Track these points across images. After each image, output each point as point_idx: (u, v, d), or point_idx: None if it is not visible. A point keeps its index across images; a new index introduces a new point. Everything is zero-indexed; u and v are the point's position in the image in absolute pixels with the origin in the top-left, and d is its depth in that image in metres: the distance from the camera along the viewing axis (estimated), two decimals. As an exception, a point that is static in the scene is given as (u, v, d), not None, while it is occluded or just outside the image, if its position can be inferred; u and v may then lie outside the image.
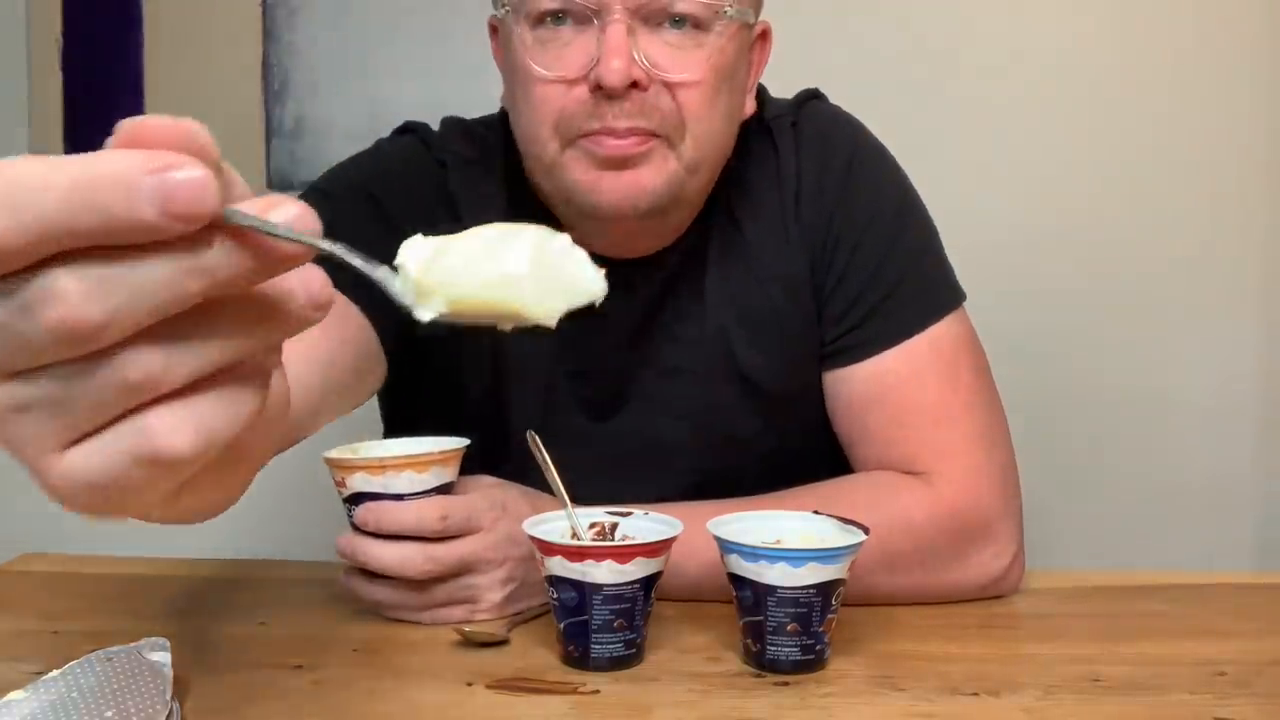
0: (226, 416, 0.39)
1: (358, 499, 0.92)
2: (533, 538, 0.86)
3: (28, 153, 0.37)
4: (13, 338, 0.36)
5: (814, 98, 1.15)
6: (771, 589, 0.83)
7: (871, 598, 0.97)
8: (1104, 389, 1.81)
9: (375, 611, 0.95)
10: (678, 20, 0.95)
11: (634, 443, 1.08)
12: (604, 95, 0.93)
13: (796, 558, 0.82)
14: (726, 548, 0.85)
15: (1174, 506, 1.81)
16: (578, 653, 0.85)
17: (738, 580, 0.85)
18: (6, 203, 0.35)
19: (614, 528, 0.91)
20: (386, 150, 1.14)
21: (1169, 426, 1.81)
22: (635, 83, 0.93)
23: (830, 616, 0.84)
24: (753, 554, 0.83)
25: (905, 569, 0.99)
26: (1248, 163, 1.78)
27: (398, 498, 0.91)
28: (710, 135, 0.99)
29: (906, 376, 1.04)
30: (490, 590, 0.94)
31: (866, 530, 0.86)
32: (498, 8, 1.01)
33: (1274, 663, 0.88)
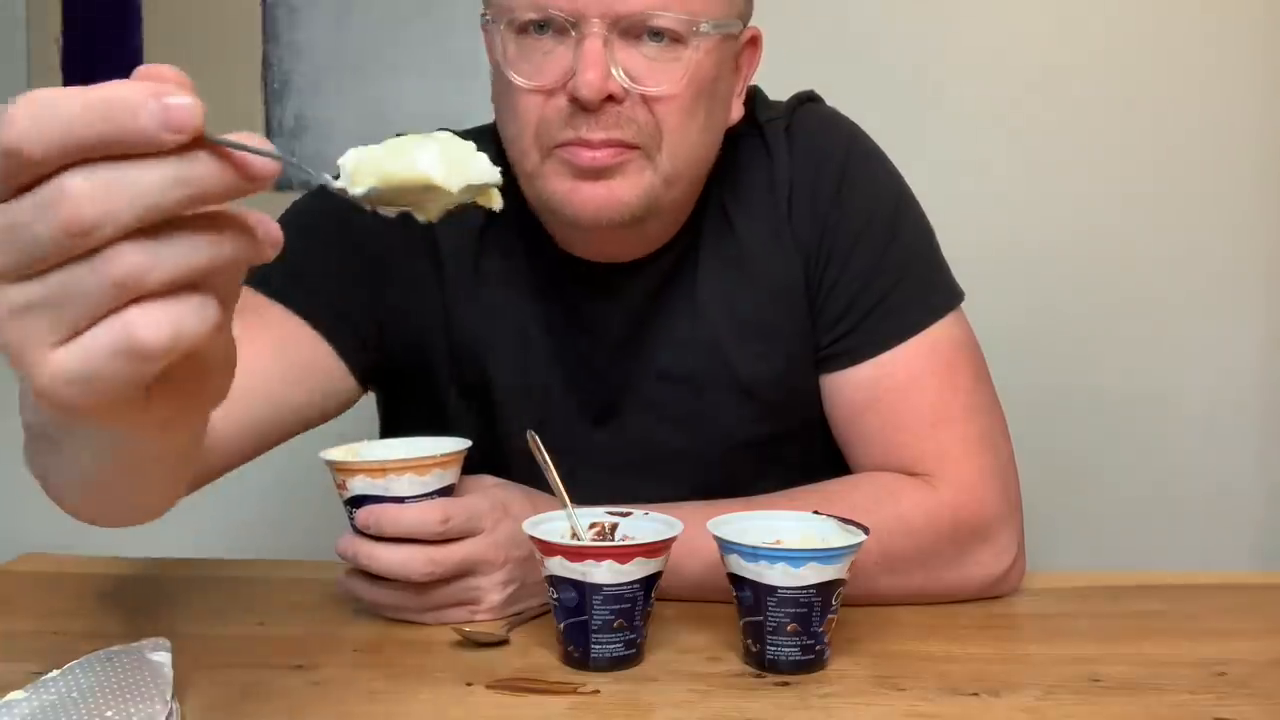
0: (195, 320, 0.46)
1: (359, 501, 0.92)
2: (533, 538, 0.86)
3: None
4: (29, 239, 0.44)
5: (810, 100, 1.14)
6: (771, 589, 0.83)
7: (873, 599, 0.97)
8: (1104, 389, 1.81)
9: (375, 612, 0.95)
10: (656, 34, 0.94)
11: (632, 450, 1.08)
12: (580, 107, 0.93)
13: (796, 558, 0.82)
14: (726, 548, 0.85)
15: (1174, 506, 1.81)
16: (578, 653, 0.85)
17: (738, 580, 0.85)
18: (34, 120, 0.43)
19: (614, 528, 0.91)
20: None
21: (1169, 427, 1.81)
22: (611, 95, 0.93)
23: (830, 616, 0.84)
24: (753, 554, 0.83)
25: (905, 570, 0.98)
26: (1249, 162, 1.78)
27: (399, 500, 0.91)
28: (688, 148, 0.99)
29: (904, 380, 1.04)
30: (491, 591, 0.94)
31: (866, 530, 0.86)
32: (484, 14, 1.01)
33: (1274, 663, 0.88)
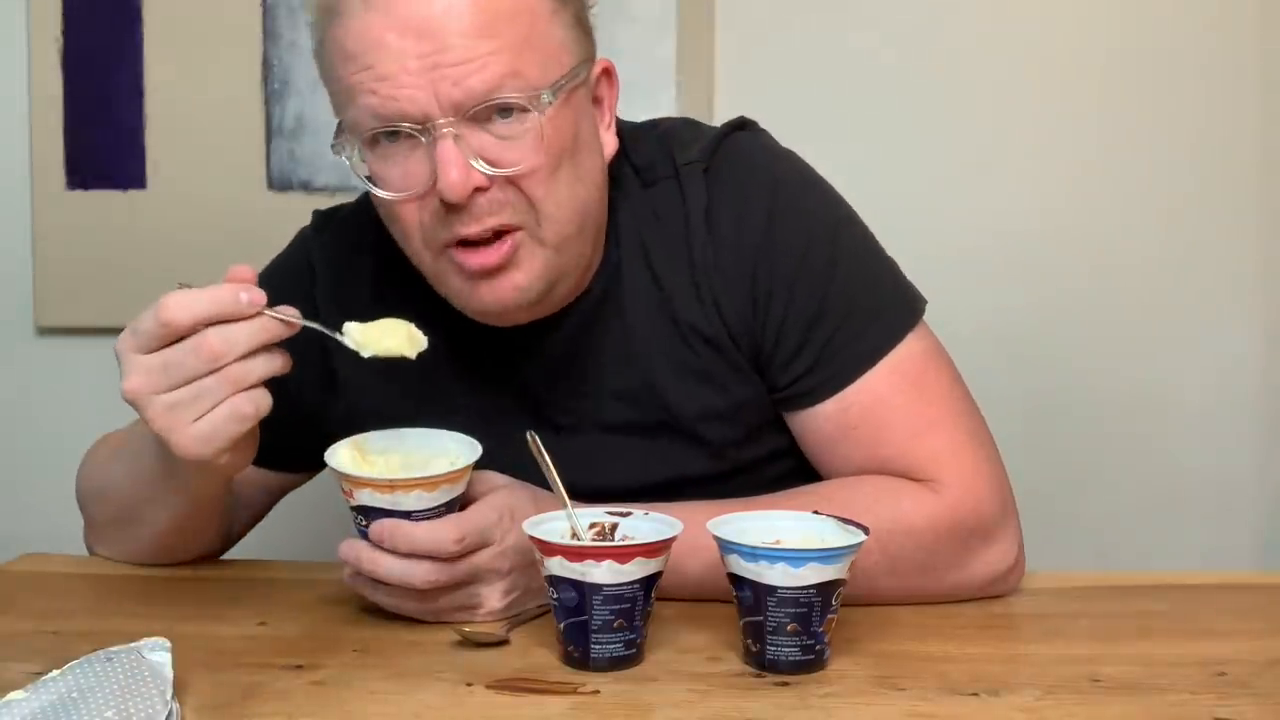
0: (265, 401, 0.87)
1: (365, 510, 0.92)
2: (533, 538, 0.86)
3: (28, 151, 0.60)
4: (181, 367, 0.84)
5: (739, 128, 1.10)
6: (771, 589, 0.83)
7: (875, 599, 0.97)
8: (1104, 389, 1.81)
9: (377, 607, 0.95)
10: (503, 109, 0.93)
11: (593, 496, 0.99)
12: (451, 207, 0.93)
13: (796, 558, 0.82)
14: (726, 548, 0.85)
15: (1174, 506, 1.80)
16: (578, 653, 0.85)
17: (738, 580, 0.85)
18: (178, 305, 0.84)
19: (614, 528, 0.91)
20: (284, 253, 1.18)
21: (1169, 426, 1.81)
22: (478, 187, 0.93)
23: (830, 616, 0.84)
24: (753, 554, 0.83)
25: (906, 570, 0.98)
26: (1248, 162, 1.78)
27: (406, 515, 0.91)
28: (566, 209, 0.97)
29: (872, 404, 1.02)
30: (492, 597, 0.94)
31: (867, 530, 0.86)
32: (333, 144, 0.99)
33: (1274, 663, 0.87)
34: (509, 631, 0.92)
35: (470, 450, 0.94)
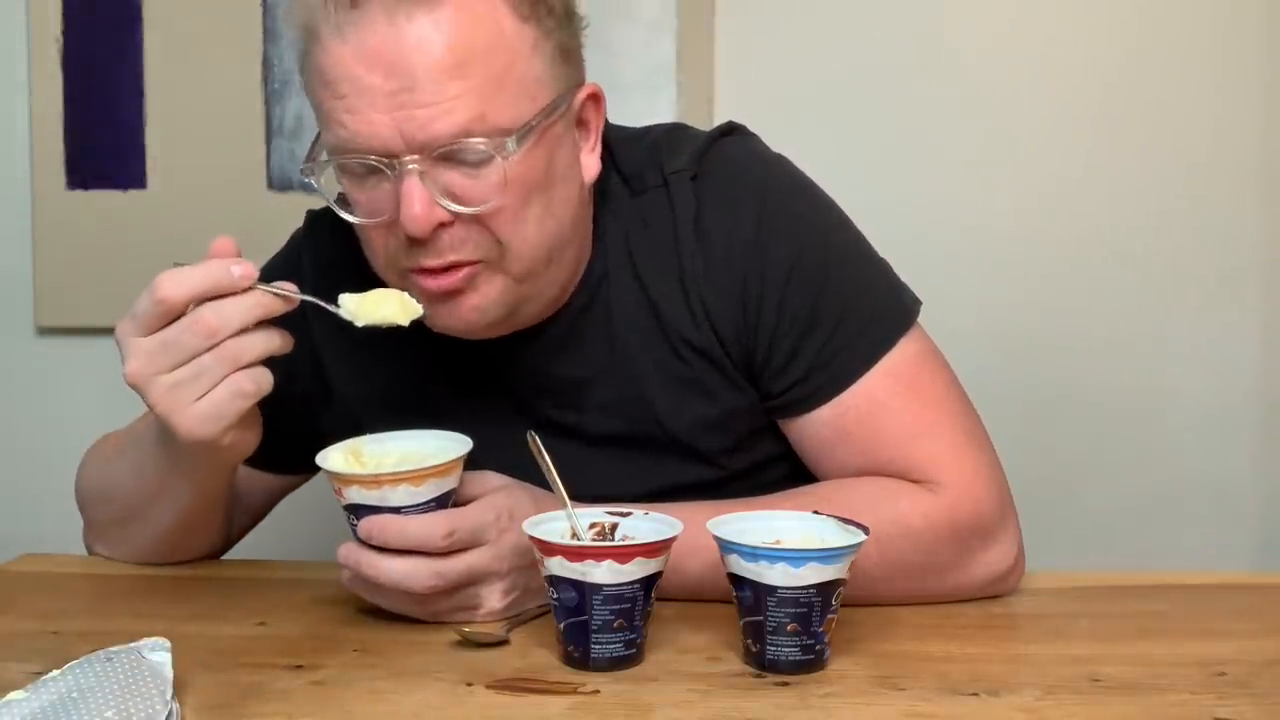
0: (265, 379, 0.88)
1: (356, 509, 0.92)
2: (533, 538, 0.86)
3: (28, 151, 0.63)
4: (179, 346, 0.85)
5: (726, 134, 1.09)
6: (771, 589, 0.83)
7: (876, 600, 0.97)
8: (1103, 389, 1.81)
9: (377, 607, 0.95)
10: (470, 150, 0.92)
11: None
12: (415, 239, 0.93)
13: (796, 558, 0.82)
14: (726, 548, 0.85)
15: (1174, 506, 1.81)
16: (578, 653, 0.85)
17: (738, 580, 0.85)
18: (173, 283, 0.85)
19: (614, 528, 0.91)
20: (278, 253, 1.18)
21: (1168, 426, 1.81)
22: (441, 223, 0.92)
23: (830, 616, 0.84)
24: (753, 554, 0.83)
25: (905, 573, 0.98)
26: (1248, 161, 1.78)
27: (396, 510, 0.91)
28: (531, 243, 0.96)
29: (868, 409, 1.01)
30: (491, 599, 0.94)
31: (866, 530, 0.86)
32: (302, 170, 0.99)
33: (1274, 663, 0.88)
34: (509, 631, 0.92)
35: (459, 445, 0.94)
